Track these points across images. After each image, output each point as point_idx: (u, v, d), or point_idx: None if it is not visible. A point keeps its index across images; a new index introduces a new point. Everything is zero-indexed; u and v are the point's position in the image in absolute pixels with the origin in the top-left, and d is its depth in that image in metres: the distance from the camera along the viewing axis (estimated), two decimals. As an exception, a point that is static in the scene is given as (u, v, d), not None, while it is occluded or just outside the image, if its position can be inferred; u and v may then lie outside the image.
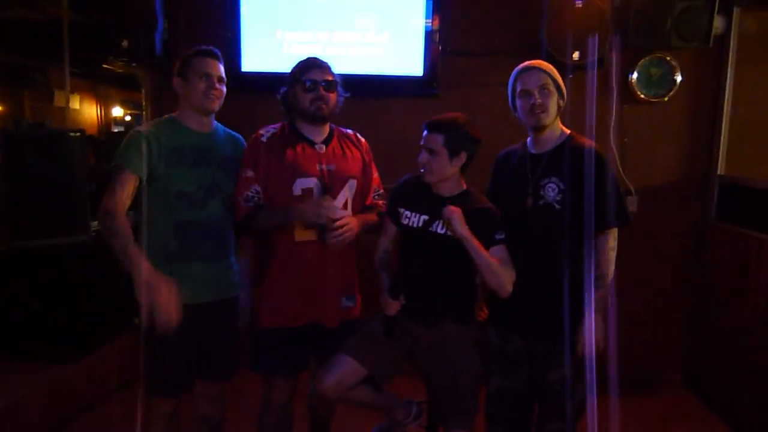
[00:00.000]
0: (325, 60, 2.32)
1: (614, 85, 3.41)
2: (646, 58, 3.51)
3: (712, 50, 3.43)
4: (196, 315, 2.19)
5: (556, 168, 2.14)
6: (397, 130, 3.60)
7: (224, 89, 2.23)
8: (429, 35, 3.47)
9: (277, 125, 2.37)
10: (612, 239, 2.13)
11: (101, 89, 8.05)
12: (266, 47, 3.49)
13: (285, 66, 3.43)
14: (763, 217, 3.18)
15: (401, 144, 3.52)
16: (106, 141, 7.07)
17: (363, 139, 2.47)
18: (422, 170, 2.20)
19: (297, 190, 2.23)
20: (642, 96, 3.55)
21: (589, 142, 2.17)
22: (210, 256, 2.22)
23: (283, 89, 2.35)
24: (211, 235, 2.21)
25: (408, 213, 2.24)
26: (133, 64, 3.48)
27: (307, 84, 2.23)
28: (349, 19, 3.48)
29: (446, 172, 2.17)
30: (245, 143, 2.37)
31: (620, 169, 3.54)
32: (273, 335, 2.30)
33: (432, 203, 2.19)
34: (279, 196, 2.24)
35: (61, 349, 3.20)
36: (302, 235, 2.24)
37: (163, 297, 1.96)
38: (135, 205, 2.15)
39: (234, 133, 2.39)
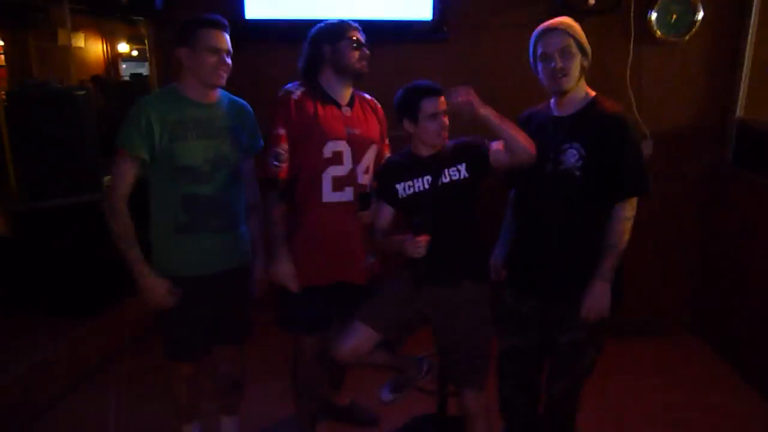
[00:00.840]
0: None
1: (632, 26, 3.26)
2: (666, -4, 3.35)
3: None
4: (207, 286, 2.25)
5: (578, 133, 2.07)
6: (404, 77, 3.50)
7: (230, 62, 2.18)
8: (438, -24, 3.31)
9: (298, 83, 2.36)
10: (629, 209, 2.06)
11: (106, 25, 7.89)
12: (270, -7, 3.36)
13: (289, 13, 3.37)
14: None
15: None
16: (115, 82, 6.99)
17: (379, 106, 2.49)
18: (445, 133, 2.22)
19: (328, 152, 2.28)
20: (661, 36, 3.40)
21: (613, 106, 2.09)
22: (219, 228, 2.23)
23: (307, 48, 2.34)
24: (219, 207, 2.22)
25: (409, 183, 2.24)
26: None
27: (356, 44, 2.27)
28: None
29: None
30: (251, 110, 2.36)
31: (636, 112, 3.45)
32: (301, 295, 2.35)
33: (428, 164, 2.24)
34: (309, 157, 2.27)
35: (83, 303, 3.31)
36: (330, 197, 2.30)
37: (151, 298, 2.17)
38: (148, 178, 2.18)
39: (239, 100, 2.34)
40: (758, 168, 3.26)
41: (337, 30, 2.30)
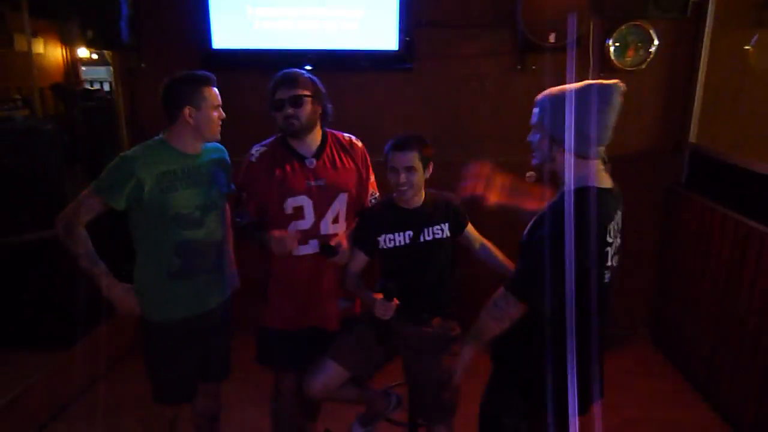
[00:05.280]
0: (299, 71, 2.31)
1: (591, 60, 3.39)
2: (623, 27, 3.47)
3: (690, 18, 3.39)
4: (197, 326, 2.30)
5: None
6: (373, 104, 3.59)
7: None
8: (403, 8, 3.36)
9: (268, 141, 2.41)
10: (498, 296, 1.82)
11: (65, 28, 7.67)
12: (236, 24, 3.38)
13: (256, 43, 3.40)
14: (728, 189, 3.30)
15: (377, 118, 3.55)
16: (75, 91, 6.82)
17: (359, 144, 2.48)
18: (403, 189, 2.28)
19: (288, 209, 2.31)
20: (618, 64, 3.54)
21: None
22: (209, 269, 2.30)
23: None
24: (210, 249, 2.28)
25: (390, 236, 2.34)
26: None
27: (276, 103, 2.27)
28: (321, -8, 3.35)
29: (422, 185, 2.34)
30: (227, 154, 2.40)
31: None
32: (277, 336, 2.44)
33: (409, 218, 2.35)
34: (272, 214, 2.34)
35: (56, 335, 3.32)
36: (297, 250, 2.34)
37: (123, 307, 2.21)
38: (135, 225, 2.21)
39: (217, 145, 2.38)
40: (708, 191, 3.44)
41: (270, 90, 2.31)
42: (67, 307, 3.32)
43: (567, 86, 1.75)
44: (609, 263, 1.76)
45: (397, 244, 2.34)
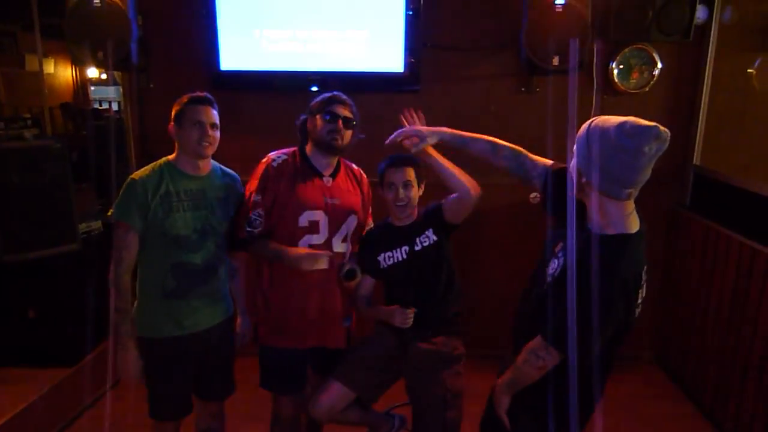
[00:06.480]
0: (348, 98, 2.43)
1: (595, 82, 3.43)
2: (627, 50, 3.51)
3: (693, 40, 3.42)
4: (196, 342, 2.32)
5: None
6: (378, 126, 3.59)
7: (218, 134, 2.25)
8: (409, 31, 3.41)
9: (288, 151, 2.43)
10: (538, 346, 1.78)
11: (76, 49, 7.76)
12: (244, 46, 3.43)
13: (264, 64, 3.45)
14: (732, 212, 3.30)
15: (383, 139, 3.57)
16: (83, 111, 6.90)
17: (365, 177, 2.57)
18: (402, 204, 2.33)
19: (303, 221, 2.33)
20: (622, 87, 3.57)
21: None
22: (204, 294, 2.31)
23: (302, 116, 2.44)
24: (206, 275, 2.29)
25: (388, 254, 2.39)
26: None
27: (328, 117, 2.32)
28: (328, 16, 3.40)
29: (416, 202, 2.40)
30: (240, 182, 2.43)
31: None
32: (278, 355, 2.43)
33: (405, 234, 2.39)
34: (285, 225, 2.34)
35: (62, 353, 3.34)
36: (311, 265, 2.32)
37: (125, 371, 2.24)
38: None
39: (230, 172, 2.43)
40: (712, 213, 3.45)
41: (319, 102, 2.37)
42: (72, 325, 3.36)
43: (602, 118, 1.61)
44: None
45: (396, 260, 2.38)
